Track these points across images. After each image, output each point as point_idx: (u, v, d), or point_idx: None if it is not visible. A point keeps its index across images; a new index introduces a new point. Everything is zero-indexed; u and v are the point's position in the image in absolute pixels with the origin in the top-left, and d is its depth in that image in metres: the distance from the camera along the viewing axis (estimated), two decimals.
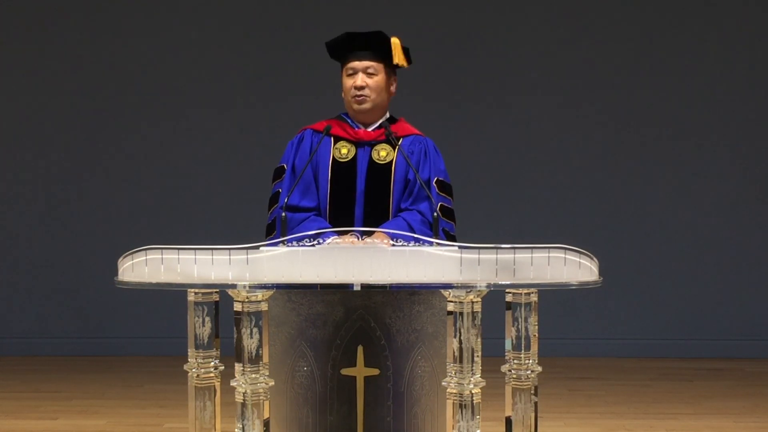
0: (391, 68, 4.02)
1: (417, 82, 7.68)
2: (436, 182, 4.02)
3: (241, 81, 8.08)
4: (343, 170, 3.99)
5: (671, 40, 8.01)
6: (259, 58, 8.06)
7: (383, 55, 4.00)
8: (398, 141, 3.99)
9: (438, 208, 3.90)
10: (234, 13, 8.11)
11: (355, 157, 4.01)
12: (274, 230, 3.90)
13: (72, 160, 8.10)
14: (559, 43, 8.03)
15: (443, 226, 3.90)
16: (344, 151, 4.02)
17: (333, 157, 4.01)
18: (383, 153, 4.01)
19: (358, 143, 4.02)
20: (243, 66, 8.08)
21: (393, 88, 4.07)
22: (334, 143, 4.02)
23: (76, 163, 8.10)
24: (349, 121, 4.06)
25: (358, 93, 3.96)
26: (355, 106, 4.00)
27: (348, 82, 3.99)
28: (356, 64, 3.97)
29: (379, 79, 3.99)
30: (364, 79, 3.96)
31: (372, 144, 4.02)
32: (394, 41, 3.98)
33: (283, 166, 4.05)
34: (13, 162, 8.12)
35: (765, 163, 8.00)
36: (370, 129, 4.04)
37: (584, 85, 8.01)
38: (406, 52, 4.02)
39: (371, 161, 4.00)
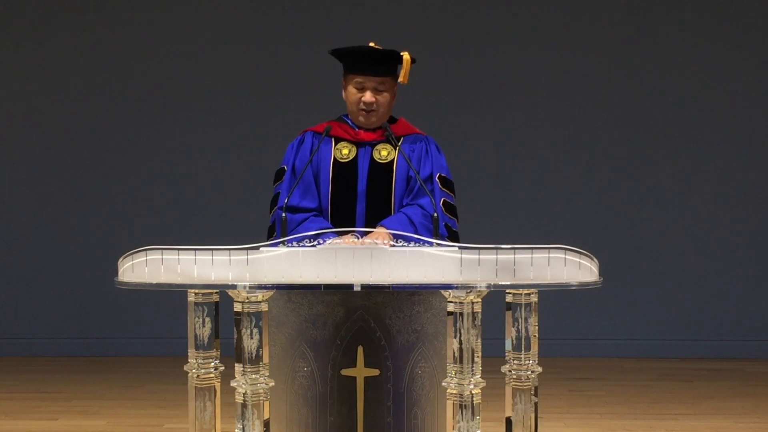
0: (395, 77, 4.00)
1: (418, 81, 7.66)
2: (438, 178, 4.02)
3: (242, 81, 8.07)
4: (345, 170, 3.99)
5: (672, 40, 8.00)
6: (259, 58, 8.06)
7: (393, 70, 3.98)
8: (399, 141, 3.99)
9: (441, 204, 3.91)
10: (235, 14, 8.10)
11: (356, 158, 4.01)
12: (275, 231, 3.90)
13: (72, 160, 8.10)
14: (560, 43, 8.02)
15: (446, 222, 3.90)
16: (345, 151, 4.02)
17: (334, 157, 4.01)
18: (384, 152, 4.01)
19: (358, 143, 4.02)
20: (244, 66, 8.07)
21: (395, 95, 4.05)
22: (335, 144, 4.02)
23: (76, 162, 8.10)
24: (349, 122, 4.06)
25: (367, 109, 3.96)
26: (362, 120, 3.99)
27: (355, 95, 3.96)
28: (366, 79, 3.94)
29: (388, 95, 3.97)
30: (374, 95, 3.94)
31: (373, 144, 4.02)
32: (407, 59, 3.94)
33: (284, 167, 4.05)
34: (13, 161, 8.12)
35: (765, 163, 8.00)
36: (370, 129, 4.04)
37: (584, 86, 8.01)
38: (413, 61, 3.99)
39: (372, 161, 4.00)
